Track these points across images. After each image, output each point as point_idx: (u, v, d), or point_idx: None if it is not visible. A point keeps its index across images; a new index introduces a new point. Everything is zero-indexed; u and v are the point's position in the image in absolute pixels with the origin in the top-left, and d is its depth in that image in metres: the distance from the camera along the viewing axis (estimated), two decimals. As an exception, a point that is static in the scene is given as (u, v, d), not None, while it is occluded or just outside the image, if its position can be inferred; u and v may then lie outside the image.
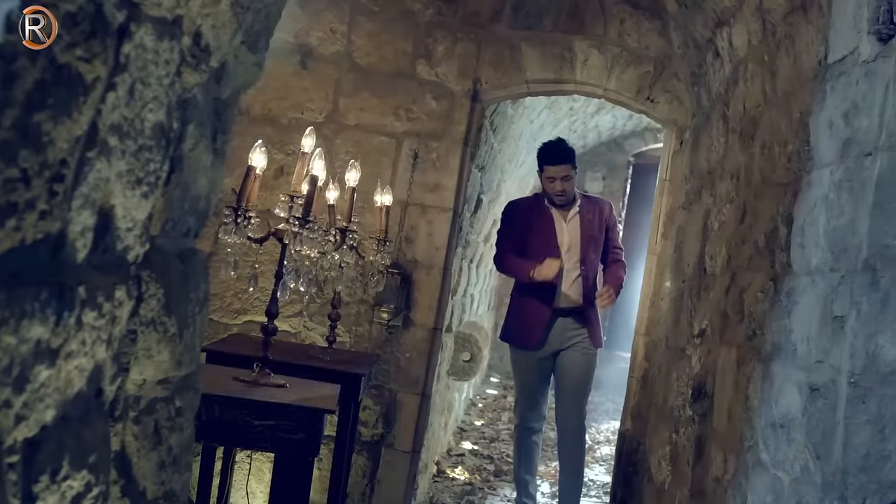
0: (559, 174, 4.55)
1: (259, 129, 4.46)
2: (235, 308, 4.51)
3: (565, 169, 4.55)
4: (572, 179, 4.59)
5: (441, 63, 4.54)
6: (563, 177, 4.55)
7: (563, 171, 4.55)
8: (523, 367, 4.77)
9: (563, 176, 4.55)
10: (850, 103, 1.99)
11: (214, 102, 1.82)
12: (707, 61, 3.67)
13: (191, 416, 1.96)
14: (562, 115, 7.55)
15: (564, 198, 4.61)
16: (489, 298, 9.32)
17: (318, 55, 4.56)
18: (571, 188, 4.62)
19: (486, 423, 8.00)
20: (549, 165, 4.60)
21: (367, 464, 4.46)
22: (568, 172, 4.55)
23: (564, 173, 4.55)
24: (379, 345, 4.47)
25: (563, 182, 4.55)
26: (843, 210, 1.95)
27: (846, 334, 1.86)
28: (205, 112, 1.75)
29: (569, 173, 4.55)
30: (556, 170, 4.57)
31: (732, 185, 3.12)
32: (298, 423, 2.59)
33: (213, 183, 1.87)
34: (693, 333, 3.40)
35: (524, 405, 4.82)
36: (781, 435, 2.17)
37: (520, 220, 4.79)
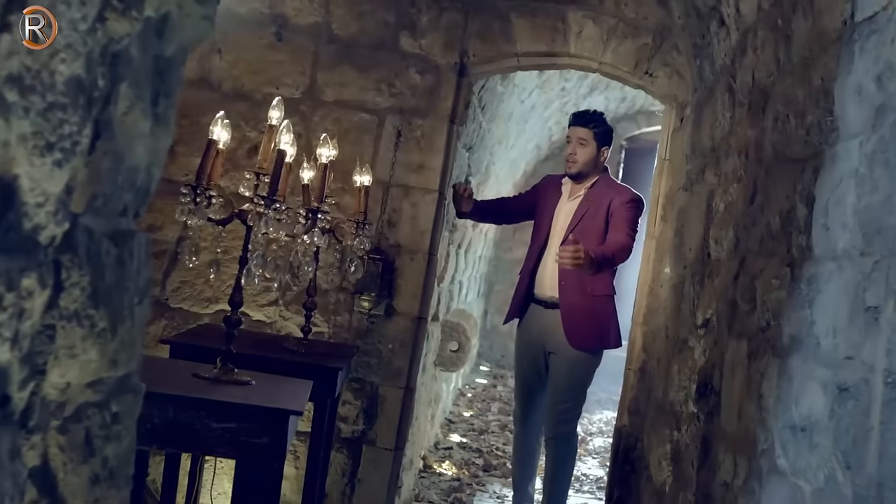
0: (575, 135, 4.29)
1: (231, 106, 4.18)
2: (207, 296, 4.25)
3: (584, 132, 4.27)
4: (587, 147, 4.26)
5: (426, 35, 4.27)
6: (578, 139, 4.27)
7: (581, 133, 4.27)
8: (517, 356, 4.53)
9: (578, 138, 4.27)
10: (885, 64, 1.74)
11: (156, 60, 1.56)
12: (710, 31, 3.41)
13: (131, 423, 1.70)
14: (553, 95, 7.30)
15: (574, 165, 4.29)
16: (479, 285, 9.10)
17: (294, 26, 4.30)
18: (585, 157, 4.26)
19: (475, 413, 7.77)
20: (570, 126, 4.36)
21: (347, 462, 4.21)
22: (585, 137, 4.26)
23: (581, 136, 4.27)
24: (359, 335, 4.22)
25: (577, 146, 4.27)
26: (876, 185, 1.71)
27: (881, 327, 1.62)
28: (142, 70, 1.49)
29: (586, 138, 4.26)
30: (574, 130, 4.32)
31: (740, 163, 2.87)
32: (262, 426, 2.33)
33: (155, 153, 1.61)
34: (696, 323, 3.16)
35: (516, 403, 4.58)
36: (802, 439, 1.94)
37: (540, 191, 4.57)
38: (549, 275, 4.26)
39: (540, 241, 4.37)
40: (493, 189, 7.14)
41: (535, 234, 4.45)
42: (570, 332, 4.18)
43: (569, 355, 4.21)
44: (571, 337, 4.18)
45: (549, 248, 4.31)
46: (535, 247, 4.41)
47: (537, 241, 4.40)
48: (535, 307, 4.35)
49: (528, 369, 4.42)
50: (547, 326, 4.28)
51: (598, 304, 4.22)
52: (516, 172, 8.98)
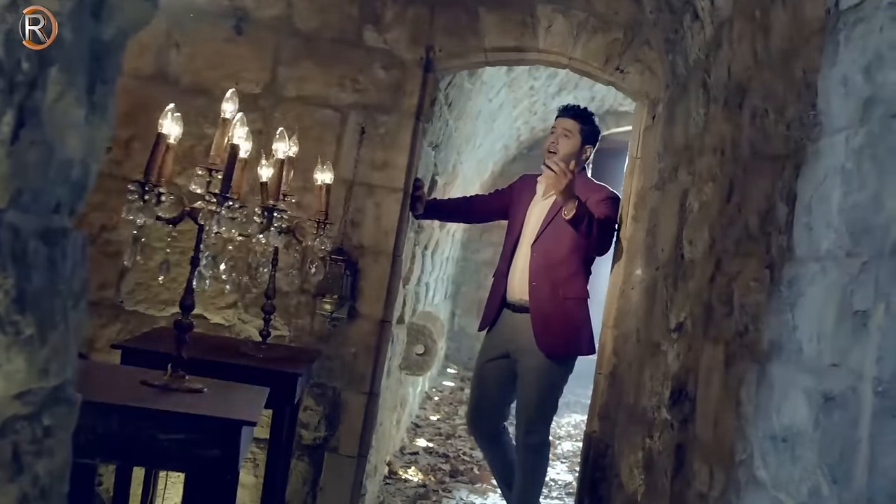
0: (560, 126, 4.20)
1: (189, 101, 4.07)
2: (163, 299, 4.09)
3: (570, 124, 4.18)
4: (571, 140, 4.16)
5: (391, 29, 4.14)
6: (563, 129, 4.18)
7: (567, 124, 4.19)
8: (478, 360, 4.40)
9: (564, 129, 4.18)
10: (873, 54, 1.64)
11: (92, 44, 1.43)
12: (684, 25, 3.31)
13: (65, 437, 1.56)
14: (522, 94, 7.20)
15: (553, 156, 4.14)
16: (446, 287, 8.98)
17: (255, 19, 4.15)
18: (566, 149, 4.13)
19: (442, 417, 7.65)
20: (557, 118, 4.26)
21: (309, 470, 4.07)
22: (571, 129, 4.17)
23: (567, 127, 4.18)
24: (321, 339, 4.07)
25: (560, 136, 4.17)
26: (864, 182, 1.61)
27: (870, 333, 1.52)
28: (76, 55, 1.36)
29: (571, 130, 4.17)
30: (560, 121, 4.22)
31: (716, 161, 2.77)
32: (213, 437, 2.19)
33: (91, 145, 1.48)
34: (669, 327, 3.05)
35: (469, 406, 4.44)
36: (784, 450, 1.83)
37: (515, 191, 4.46)
38: (519, 277, 4.14)
39: (512, 242, 4.25)
40: (461, 189, 7.02)
41: (508, 235, 4.33)
42: (540, 336, 4.04)
43: (538, 362, 4.07)
44: (541, 341, 4.04)
45: (519, 249, 4.19)
46: (507, 248, 4.29)
47: (509, 242, 4.28)
48: (506, 312, 4.23)
49: (489, 372, 4.28)
50: (516, 331, 4.15)
51: (570, 308, 4.09)
52: (484, 172, 8.87)
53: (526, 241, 4.16)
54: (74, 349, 1.49)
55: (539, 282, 4.07)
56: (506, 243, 4.33)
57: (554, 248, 4.11)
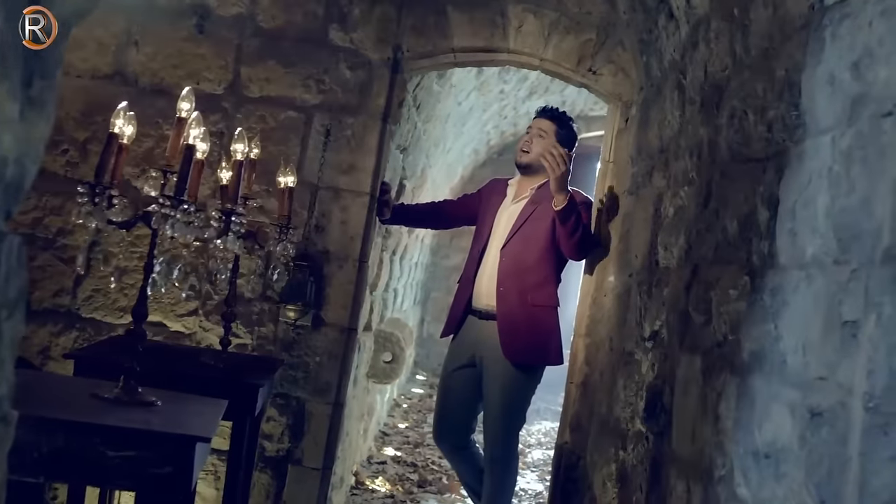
0: (537, 126, 4.08)
1: (149, 102, 3.95)
2: (121, 306, 3.95)
3: (546, 124, 4.06)
4: (545, 140, 4.00)
5: (357, 28, 4.03)
6: (538, 129, 4.06)
7: (543, 125, 4.07)
8: (443, 370, 4.27)
9: (539, 128, 4.06)
10: (862, 51, 1.55)
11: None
12: (658, 25, 3.23)
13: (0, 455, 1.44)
14: (492, 98, 7.10)
15: (526, 156, 4.06)
16: (415, 293, 8.87)
17: (217, 17, 4.03)
18: (539, 150, 3.95)
19: (410, 425, 7.53)
20: (534, 119, 4.15)
21: (272, 482, 3.94)
22: (546, 130, 4.05)
23: (542, 127, 4.06)
24: (285, 347, 3.94)
25: (534, 136, 4.06)
26: (853, 186, 1.52)
27: (861, 344, 1.43)
28: (8, 44, 1.24)
29: (546, 131, 4.04)
30: (536, 122, 4.11)
31: (692, 164, 2.68)
32: (165, 455, 2.06)
33: (28, 143, 1.35)
34: (643, 335, 2.96)
35: (434, 418, 4.32)
36: (767, 467, 1.74)
37: (484, 194, 4.33)
38: (487, 283, 4.01)
39: (479, 247, 4.11)
40: (430, 193, 6.92)
41: (476, 240, 4.20)
42: (507, 344, 3.90)
43: (504, 370, 3.93)
44: (507, 349, 3.90)
45: (487, 254, 4.07)
46: (474, 253, 4.16)
47: (477, 247, 4.15)
48: (471, 318, 4.10)
49: (454, 382, 4.16)
50: (481, 338, 4.01)
51: (538, 315, 3.94)
52: (453, 176, 8.78)
53: (495, 245, 4.04)
54: (10, 363, 1.37)
55: (507, 287, 3.94)
56: (473, 247, 4.20)
57: (524, 253, 3.97)
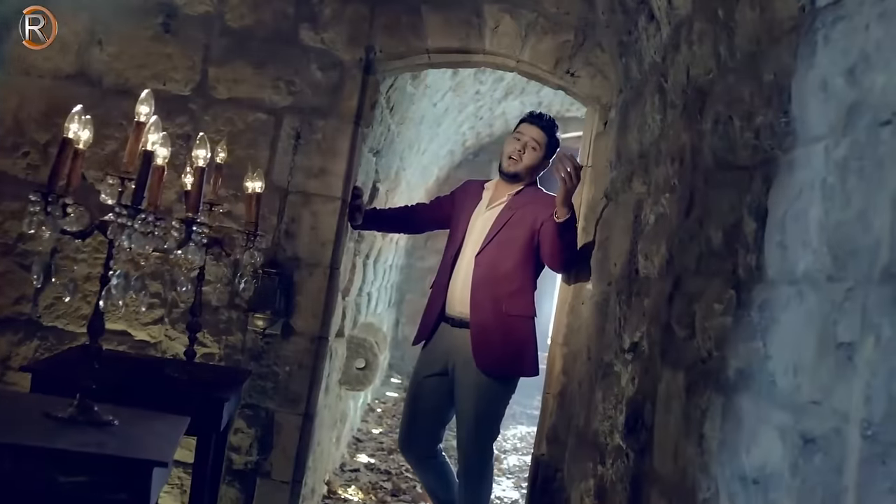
0: (529, 134, 3.93)
1: (113, 103, 3.83)
2: (84, 314, 3.81)
3: (540, 136, 3.92)
4: (537, 153, 3.91)
5: (328, 27, 3.91)
6: (532, 139, 3.91)
7: (536, 135, 3.92)
8: (412, 378, 4.16)
9: (532, 138, 3.91)
10: (858, 55, 1.47)
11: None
12: (639, 27, 3.13)
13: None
14: (467, 98, 7.00)
15: (516, 165, 3.93)
16: (389, 295, 8.75)
17: (184, 16, 3.90)
18: (530, 162, 3.90)
19: (385, 430, 7.41)
20: (525, 123, 3.99)
21: (240, 496, 3.81)
22: (539, 141, 3.91)
23: (536, 138, 3.91)
24: (254, 357, 3.82)
25: (526, 147, 3.92)
26: (849, 199, 1.43)
27: (857, 368, 1.34)
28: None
29: (540, 143, 3.91)
30: (529, 129, 3.95)
31: (673, 171, 2.59)
32: (120, 480, 1.94)
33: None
34: (623, 347, 2.87)
35: (401, 426, 4.21)
36: (755, 493, 1.65)
37: (458, 197, 4.21)
38: (460, 289, 3.89)
39: (453, 252, 3.99)
40: (405, 195, 6.81)
41: (449, 244, 4.08)
42: (479, 353, 3.79)
43: (476, 380, 3.81)
44: (480, 358, 3.78)
45: (461, 259, 3.95)
46: (447, 258, 4.04)
47: (450, 252, 4.03)
48: (444, 326, 3.98)
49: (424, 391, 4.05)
50: (454, 346, 3.90)
51: (513, 325, 3.83)
52: (429, 178, 8.67)
53: (469, 251, 3.92)
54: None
55: (481, 295, 3.82)
56: (446, 252, 4.09)
57: (499, 261, 3.85)
